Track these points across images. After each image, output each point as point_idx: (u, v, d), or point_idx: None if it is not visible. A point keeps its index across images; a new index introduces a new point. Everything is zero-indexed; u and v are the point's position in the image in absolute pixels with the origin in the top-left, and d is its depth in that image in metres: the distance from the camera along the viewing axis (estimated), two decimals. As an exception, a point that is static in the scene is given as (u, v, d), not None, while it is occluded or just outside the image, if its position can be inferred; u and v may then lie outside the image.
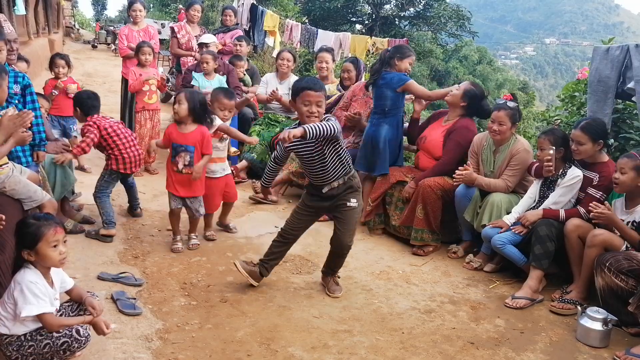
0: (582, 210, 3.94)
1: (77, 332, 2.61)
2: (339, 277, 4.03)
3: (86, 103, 4.60)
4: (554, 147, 4.00)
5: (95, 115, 4.58)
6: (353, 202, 3.68)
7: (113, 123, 4.63)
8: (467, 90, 4.82)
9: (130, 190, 4.94)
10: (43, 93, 5.90)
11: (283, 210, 5.56)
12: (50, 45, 16.10)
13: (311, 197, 3.77)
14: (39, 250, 2.55)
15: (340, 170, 3.60)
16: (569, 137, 4.07)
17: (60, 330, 2.58)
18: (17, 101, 3.98)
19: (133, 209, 5.00)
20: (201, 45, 7.09)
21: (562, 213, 3.97)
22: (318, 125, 3.27)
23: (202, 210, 4.49)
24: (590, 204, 3.65)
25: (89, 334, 2.66)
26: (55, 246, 2.59)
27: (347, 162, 3.63)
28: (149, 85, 6.35)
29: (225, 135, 4.69)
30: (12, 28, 4.69)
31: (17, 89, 3.99)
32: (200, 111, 4.28)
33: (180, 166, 4.29)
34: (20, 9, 9.40)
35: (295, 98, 3.52)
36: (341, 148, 3.57)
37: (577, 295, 3.85)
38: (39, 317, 2.53)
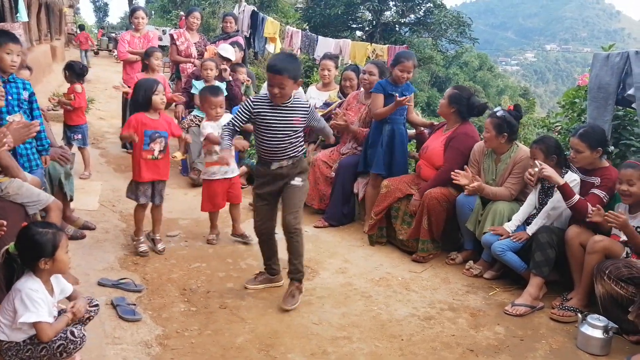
0: (590, 207, 3.84)
1: (72, 333, 2.61)
2: (300, 288, 3.84)
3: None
4: (540, 163, 3.95)
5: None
6: (297, 181, 3.77)
7: None
8: (451, 95, 4.80)
9: None
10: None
11: (283, 217, 5.55)
12: (52, 51, 16.14)
13: (260, 185, 3.83)
14: (56, 257, 2.60)
15: (294, 150, 3.74)
16: (561, 143, 4.07)
17: None
18: (26, 107, 4.05)
19: None
20: (223, 58, 6.80)
21: (576, 197, 3.85)
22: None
23: (164, 194, 4.53)
24: (608, 213, 3.56)
25: (84, 335, 2.67)
26: (67, 251, 2.67)
27: (302, 144, 3.83)
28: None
29: None
30: (22, 37, 4.74)
31: (26, 95, 4.06)
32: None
33: (157, 153, 4.31)
34: (22, 15, 9.42)
35: (267, 76, 3.67)
36: (302, 131, 3.82)
37: (578, 302, 3.84)
38: (35, 326, 2.52)
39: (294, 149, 3.74)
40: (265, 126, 3.66)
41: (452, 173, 4.44)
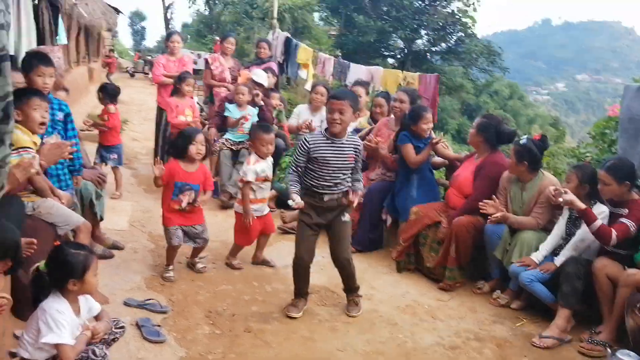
0: (614, 233, 3.80)
1: (93, 352, 2.63)
2: (359, 297, 4.14)
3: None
4: (565, 190, 3.98)
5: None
6: (346, 217, 3.94)
7: None
8: (479, 123, 4.82)
9: None
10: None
11: (309, 241, 5.56)
12: (90, 73, 16.59)
13: (310, 216, 3.88)
14: (85, 279, 2.63)
15: (345, 184, 3.87)
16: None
17: None
18: (60, 128, 4.16)
19: None
20: (256, 83, 6.91)
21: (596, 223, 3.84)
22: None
23: (207, 236, 4.51)
24: None
25: (105, 354, 2.69)
26: (95, 274, 2.69)
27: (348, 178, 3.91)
28: (185, 117, 6.49)
29: (268, 177, 4.68)
30: (61, 59, 4.86)
31: (61, 116, 4.19)
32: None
33: (184, 204, 4.30)
34: (62, 38, 9.71)
35: (327, 106, 3.88)
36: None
37: (607, 336, 3.75)
38: (57, 348, 2.54)
39: (345, 183, 3.87)
40: (321, 161, 3.77)
41: (480, 203, 4.44)
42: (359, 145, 3.88)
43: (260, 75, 6.98)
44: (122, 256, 4.73)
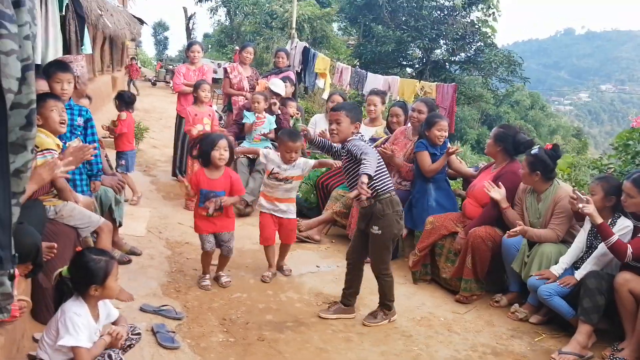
0: (629, 249, 3.72)
1: (109, 356, 2.65)
2: (385, 313, 4.09)
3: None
4: (587, 198, 3.89)
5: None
6: (375, 230, 3.90)
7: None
8: (496, 134, 4.80)
9: None
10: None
11: (325, 250, 5.55)
12: (113, 82, 16.83)
13: (358, 217, 4.11)
14: (107, 284, 2.66)
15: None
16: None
17: None
18: (79, 132, 4.24)
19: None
20: (273, 92, 7.00)
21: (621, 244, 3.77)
22: (368, 167, 3.55)
23: (233, 246, 4.49)
24: None
25: (121, 358, 2.70)
26: (116, 279, 2.72)
27: (376, 185, 3.80)
28: (203, 125, 6.53)
29: (294, 177, 4.67)
30: (84, 68, 4.96)
31: (80, 121, 4.26)
32: (232, 156, 4.43)
33: (211, 211, 4.30)
34: (87, 48, 9.85)
35: None
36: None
37: (630, 354, 3.65)
38: (73, 350, 2.56)
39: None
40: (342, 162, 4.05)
41: (485, 183, 4.54)
42: (350, 140, 3.87)
43: (277, 85, 7.03)
44: (139, 262, 4.76)
